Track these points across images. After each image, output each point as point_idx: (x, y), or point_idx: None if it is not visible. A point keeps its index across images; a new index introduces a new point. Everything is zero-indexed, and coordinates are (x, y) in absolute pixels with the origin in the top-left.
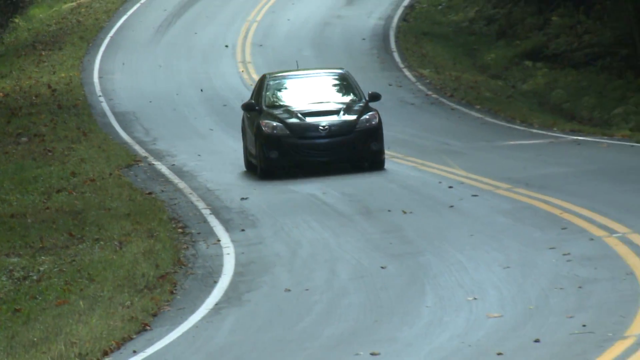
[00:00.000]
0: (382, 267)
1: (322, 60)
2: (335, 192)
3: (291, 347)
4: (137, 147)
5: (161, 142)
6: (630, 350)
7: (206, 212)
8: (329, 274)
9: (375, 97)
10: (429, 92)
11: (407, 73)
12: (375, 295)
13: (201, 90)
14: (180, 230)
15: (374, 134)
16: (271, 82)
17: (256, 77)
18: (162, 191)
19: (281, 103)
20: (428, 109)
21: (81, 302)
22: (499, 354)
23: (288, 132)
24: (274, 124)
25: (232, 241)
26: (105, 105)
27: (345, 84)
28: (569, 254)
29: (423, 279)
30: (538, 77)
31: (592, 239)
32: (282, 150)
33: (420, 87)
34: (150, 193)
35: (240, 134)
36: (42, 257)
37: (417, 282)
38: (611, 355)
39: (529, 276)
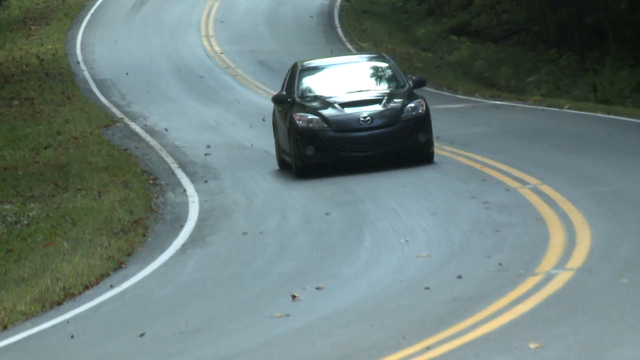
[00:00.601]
0: (326, 214)
1: (276, 34)
2: None
3: (247, 283)
4: (114, 110)
5: (135, 106)
6: (539, 285)
7: (174, 166)
8: (281, 219)
9: (420, 83)
10: None
11: (349, 46)
12: (320, 238)
13: (179, 69)
14: (151, 181)
15: (422, 123)
16: (304, 71)
17: (218, 49)
18: (136, 148)
19: (316, 93)
20: None
21: (65, 243)
22: (427, 288)
23: (325, 126)
24: (309, 116)
25: (197, 191)
26: (86, 73)
27: (386, 70)
28: (488, 202)
29: (362, 224)
30: (462, 50)
31: (508, 190)
32: (319, 146)
33: None
34: (125, 149)
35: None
36: (32, 205)
37: (357, 227)
38: (523, 289)
39: (453, 222)
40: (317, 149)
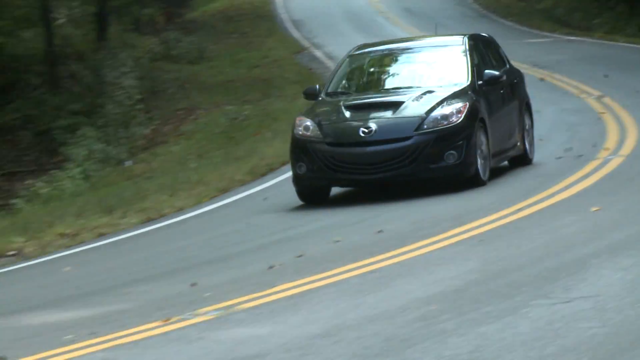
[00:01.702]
0: None
1: None
2: None
3: None
4: (303, 41)
5: (318, 39)
6: (599, 167)
7: None
8: None
9: (492, 80)
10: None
11: None
12: None
13: (348, 13)
14: None
15: (452, 138)
16: (350, 58)
17: (375, 0)
18: (317, 68)
19: (347, 89)
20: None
21: (268, 134)
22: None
23: (321, 136)
24: (308, 122)
25: None
26: (285, 16)
27: (454, 60)
28: (564, 107)
29: None
30: (547, 0)
31: (578, 99)
32: (312, 163)
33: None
34: (310, 69)
35: None
36: (246, 106)
37: None
38: (588, 169)
39: (539, 121)
40: (308, 168)
